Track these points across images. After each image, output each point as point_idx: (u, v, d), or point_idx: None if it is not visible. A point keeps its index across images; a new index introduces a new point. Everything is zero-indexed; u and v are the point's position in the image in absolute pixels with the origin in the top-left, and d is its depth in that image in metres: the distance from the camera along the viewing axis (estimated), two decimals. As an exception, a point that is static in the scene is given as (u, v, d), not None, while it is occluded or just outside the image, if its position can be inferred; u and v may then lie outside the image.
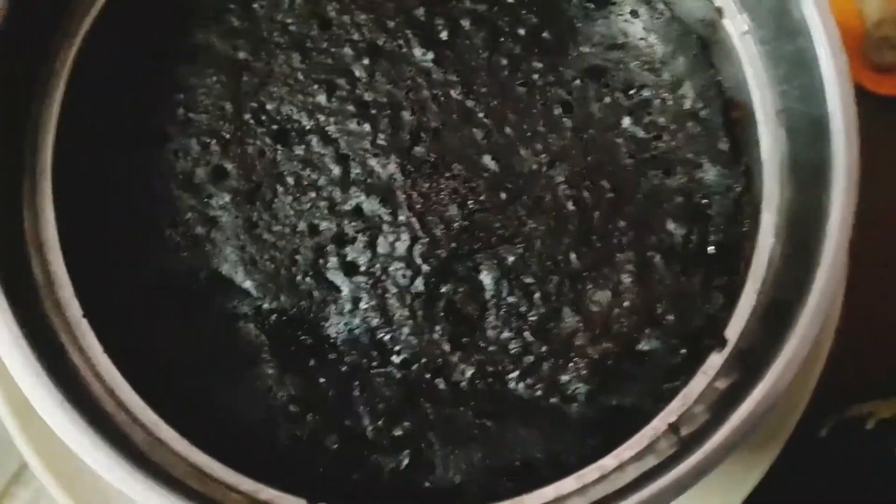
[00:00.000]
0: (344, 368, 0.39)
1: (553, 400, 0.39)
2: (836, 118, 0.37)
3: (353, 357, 0.39)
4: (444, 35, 0.43)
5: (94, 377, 0.35)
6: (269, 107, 0.42)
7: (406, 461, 0.38)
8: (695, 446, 0.35)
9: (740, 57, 0.43)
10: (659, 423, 0.38)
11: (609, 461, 0.37)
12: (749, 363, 0.38)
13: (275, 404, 0.38)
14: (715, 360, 0.39)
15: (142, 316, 0.39)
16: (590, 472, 0.37)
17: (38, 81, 0.39)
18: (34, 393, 0.32)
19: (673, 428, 0.37)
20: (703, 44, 0.44)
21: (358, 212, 0.41)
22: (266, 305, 0.40)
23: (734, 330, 0.39)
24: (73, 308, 0.36)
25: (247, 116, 0.41)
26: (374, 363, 0.39)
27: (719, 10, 0.43)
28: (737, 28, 0.43)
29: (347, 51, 0.43)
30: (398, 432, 0.38)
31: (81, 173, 0.39)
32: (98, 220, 0.39)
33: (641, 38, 0.44)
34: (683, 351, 0.40)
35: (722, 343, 0.39)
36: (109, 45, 0.41)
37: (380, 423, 0.38)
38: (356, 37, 0.43)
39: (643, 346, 0.40)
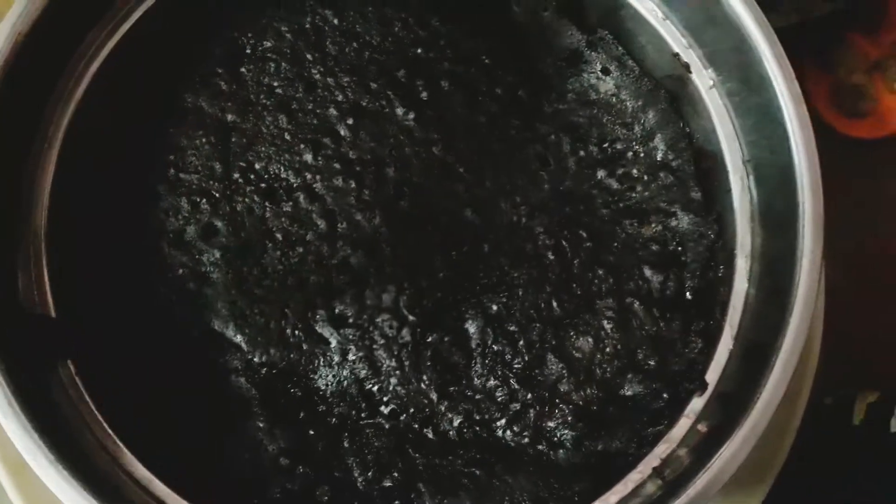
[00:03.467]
0: (333, 420, 0.40)
1: (540, 447, 0.40)
2: (802, 168, 0.39)
3: (342, 408, 0.40)
4: (424, 95, 0.45)
5: (88, 433, 0.35)
6: (257, 166, 0.43)
7: (397, 512, 0.38)
8: (679, 490, 0.35)
9: (708, 109, 0.45)
10: (644, 468, 0.38)
11: (597, 507, 0.38)
12: (729, 405, 0.39)
13: (266, 457, 0.38)
14: (696, 404, 0.40)
15: (133, 371, 0.40)
16: (578, 518, 0.37)
17: (33, 145, 0.40)
18: (27, 450, 0.32)
19: (657, 472, 0.38)
20: (672, 98, 0.46)
21: (345, 265, 0.42)
22: (256, 359, 0.40)
23: (714, 373, 0.40)
24: (66, 366, 0.36)
25: (236, 175, 0.43)
26: (363, 414, 0.40)
27: (686, 66, 0.45)
28: (703, 82, 0.45)
29: (332, 111, 0.44)
30: (388, 483, 0.39)
31: (75, 234, 0.40)
32: (91, 278, 0.40)
33: (612, 94, 0.46)
34: (666, 395, 0.41)
35: (703, 386, 0.40)
36: (101, 109, 0.42)
37: (370, 474, 0.39)
38: (340, 98, 0.44)
39: (626, 390, 0.41)
